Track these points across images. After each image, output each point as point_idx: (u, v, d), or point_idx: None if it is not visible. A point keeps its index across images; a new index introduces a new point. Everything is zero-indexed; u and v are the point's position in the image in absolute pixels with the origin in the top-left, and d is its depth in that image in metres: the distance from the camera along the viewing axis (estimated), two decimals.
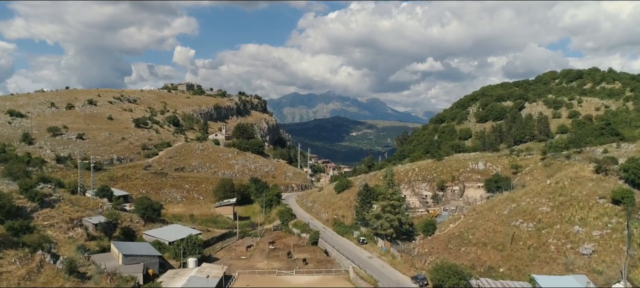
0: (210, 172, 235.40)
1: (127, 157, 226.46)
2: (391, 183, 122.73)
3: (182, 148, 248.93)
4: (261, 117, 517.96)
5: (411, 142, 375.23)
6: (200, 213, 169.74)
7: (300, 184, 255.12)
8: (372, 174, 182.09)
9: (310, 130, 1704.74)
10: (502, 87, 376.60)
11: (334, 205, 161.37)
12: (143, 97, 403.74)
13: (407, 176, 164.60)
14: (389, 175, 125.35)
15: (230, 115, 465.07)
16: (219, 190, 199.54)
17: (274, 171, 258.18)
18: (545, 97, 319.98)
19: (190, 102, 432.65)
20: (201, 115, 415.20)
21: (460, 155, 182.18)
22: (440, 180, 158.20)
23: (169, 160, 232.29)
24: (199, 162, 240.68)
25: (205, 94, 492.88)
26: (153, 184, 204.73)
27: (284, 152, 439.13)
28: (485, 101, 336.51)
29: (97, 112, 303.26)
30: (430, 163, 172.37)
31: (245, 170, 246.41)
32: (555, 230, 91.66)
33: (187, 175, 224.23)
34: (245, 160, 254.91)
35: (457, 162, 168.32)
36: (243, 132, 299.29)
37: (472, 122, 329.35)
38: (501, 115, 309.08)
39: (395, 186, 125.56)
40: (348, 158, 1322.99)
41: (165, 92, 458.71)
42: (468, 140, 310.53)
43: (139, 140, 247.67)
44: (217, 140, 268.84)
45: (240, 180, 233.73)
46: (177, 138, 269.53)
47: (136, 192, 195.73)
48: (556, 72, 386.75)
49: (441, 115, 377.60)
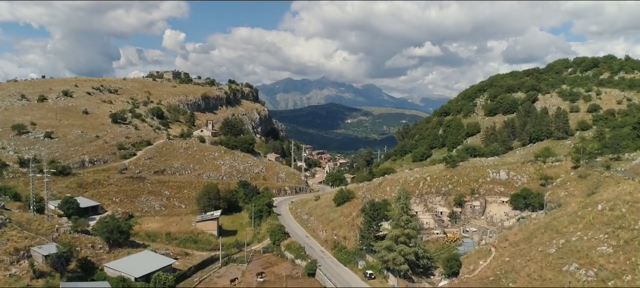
0: (194, 175, 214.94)
1: (101, 159, 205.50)
2: (405, 209, 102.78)
3: (163, 148, 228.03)
4: (252, 107, 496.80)
5: (413, 136, 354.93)
6: (179, 230, 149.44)
7: (294, 186, 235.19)
8: (376, 183, 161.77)
9: (304, 118, 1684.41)
10: (511, 76, 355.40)
11: (333, 221, 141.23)
12: (125, 87, 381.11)
13: (418, 188, 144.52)
14: (402, 198, 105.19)
15: (220, 106, 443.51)
16: (203, 198, 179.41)
17: (265, 172, 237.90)
18: (559, 87, 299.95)
19: (177, 92, 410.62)
20: (188, 105, 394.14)
21: (477, 160, 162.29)
22: (457, 193, 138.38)
23: (148, 162, 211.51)
24: (181, 163, 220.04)
25: (192, 83, 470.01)
26: (128, 191, 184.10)
27: (276, 145, 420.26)
28: (494, 92, 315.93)
29: (72, 104, 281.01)
30: (443, 171, 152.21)
31: (233, 172, 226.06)
32: (626, 282, 71.76)
33: (168, 179, 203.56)
34: (234, 160, 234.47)
35: (474, 170, 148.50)
36: (231, 128, 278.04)
37: (480, 115, 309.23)
38: (512, 108, 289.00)
39: (410, 211, 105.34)
40: (343, 146, 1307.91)
41: (150, 81, 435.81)
42: (476, 135, 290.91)
43: (116, 138, 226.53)
44: (203, 138, 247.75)
45: (228, 183, 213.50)
46: (159, 135, 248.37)
47: (108, 201, 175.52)
48: (568, 60, 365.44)
49: (446, 107, 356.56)
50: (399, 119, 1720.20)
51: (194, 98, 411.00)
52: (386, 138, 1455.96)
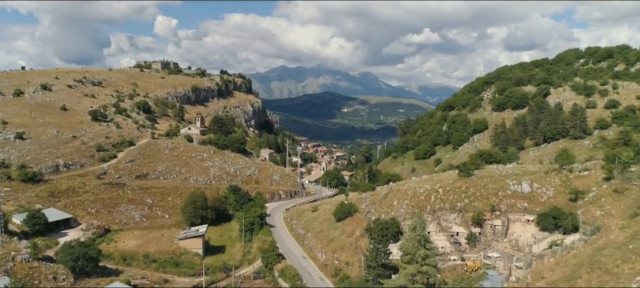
0: (180, 179, 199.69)
1: (77, 162, 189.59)
2: (423, 241, 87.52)
3: (146, 148, 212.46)
4: (245, 98, 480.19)
5: (415, 131, 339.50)
6: (159, 249, 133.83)
7: (289, 190, 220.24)
8: (381, 194, 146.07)
9: (299, 107, 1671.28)
10: (520, 68, 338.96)
11: (333, 241, 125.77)
12: (111, 79, 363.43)
13: (430, 202, 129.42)
14: (418, 227, 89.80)
15: (211, 98, 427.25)
16: (188, 207, 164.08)
17: (258, 174, 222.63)
18: (572, 80, 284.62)
19: (165, 83, 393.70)
20: (177, 98, 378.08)
21: (494, 168, 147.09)
22: (475, 209, 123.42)
23: (130, 165, 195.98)
24: (166, 165, 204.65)
25: (182, 74, 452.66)
26: (106, 200, 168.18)
27: (270, 139, 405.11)
28: (503, 85, 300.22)
29: (50, 99, 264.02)
30: (456, 182, 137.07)
31: (223, 175, 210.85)
32: None
33: (151, 184, 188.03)
34: (224, 162, 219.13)
35: (492, 181, 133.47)
36: (221, 126, 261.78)
37: (488, 110, 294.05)
38: (522, 103, 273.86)
39: (428, 244, 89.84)
40: (339, 136, 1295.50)
41: (137, 72, 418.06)
42: (484, 132, 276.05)
43: (95, 138, 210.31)
44: (190, 136, 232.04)
45: (217, 188, 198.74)
46: (142, 134, 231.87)
47: (83, 212, 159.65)
48: (579, 49, 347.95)
49: (450, 100, 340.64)
50: (396, 108, 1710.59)
51: (184, 90, 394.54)
52: (383, 127, 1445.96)
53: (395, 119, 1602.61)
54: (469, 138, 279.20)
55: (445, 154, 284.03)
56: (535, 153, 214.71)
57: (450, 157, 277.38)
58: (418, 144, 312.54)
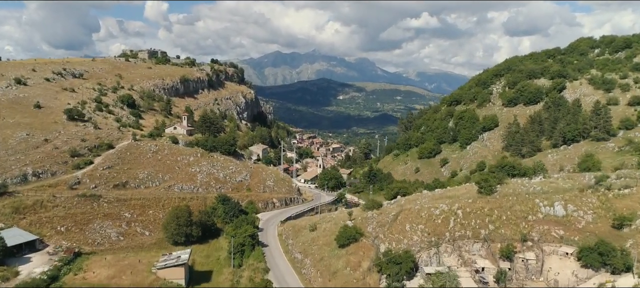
0: (164, 187, 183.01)
1: (48, 170, 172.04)
2: None
3: (127, 152, 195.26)
4: (237, 89, 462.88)
5: (419, 127, 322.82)
6: (134, 281, 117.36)
7: (284, 197, 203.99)
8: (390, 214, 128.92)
9: (294, 94, 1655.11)
10: (532, 59, 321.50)
11: (337, 275, 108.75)
12: (93, 70, 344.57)
13: (448, 227, 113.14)
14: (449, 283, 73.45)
15: (201, 89, 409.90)
16: (171, 224, 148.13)
17: (250, 180, 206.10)
18: (588, 72, 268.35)
19: (152, 74, 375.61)
20: (165, 90, 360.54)
21: (519, 182, 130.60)
22: (502, 238, 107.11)
23: (107, 172, 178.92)
24: (148, 171, 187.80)
25: (170, 63, 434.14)
26: (78, 216, 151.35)
27: (263, 133, 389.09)
28: (513, 78, 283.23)
29: (24, 95, 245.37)
30: (477, 200, 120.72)
31: (211, 181, 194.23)
32: None
33: (130, 194, 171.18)
34: (212, 166, 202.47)
35: (519, 200, 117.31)
36: (210, 125, 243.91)
37: (498, 106, 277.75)
38: (535, 98, 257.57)
39: None
40: (335, 125, 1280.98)
41: (122, 62, 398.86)
42: (494, 130, 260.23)
43: (69, 141, 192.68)
44: (176, 137, 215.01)
45: (204, 197, 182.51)
46: (123, 135, 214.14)
47: (51, 230, 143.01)
48: (593, 38, 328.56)
49: (457, 94, 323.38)
50: (394, 96, 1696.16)
51: (172, 81, 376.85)
52: (380, 115, 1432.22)
53: (392, 106, 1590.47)
54: (478, 136, 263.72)
55: (452, 154, 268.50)
56: (554, 157, 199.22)
57: (457, 156, 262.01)
58: (422, 141, 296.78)
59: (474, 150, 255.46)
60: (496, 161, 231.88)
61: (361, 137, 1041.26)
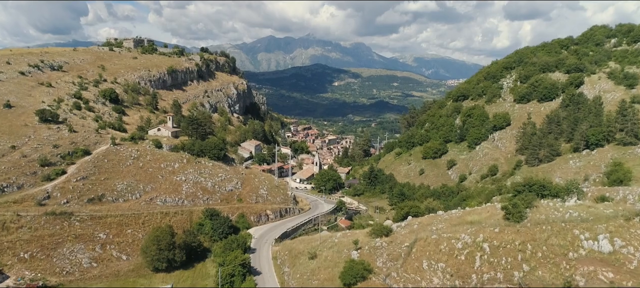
0: (145, 200, 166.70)
1: (14, 183, 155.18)
2: None
3: (105, 159, 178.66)
4: (229, 80, 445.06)
5: (422, 123, 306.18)
6: None
7: (279, 208, 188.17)
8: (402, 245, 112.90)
9: (288, 80, 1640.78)
10: (545, 50, 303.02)
11: None
12: (74, 61, 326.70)
13: (473, 266, 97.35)
14: None
15: (190, 80, 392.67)
16: (151, 248, 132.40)
17: (241, 188, 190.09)
18: (606, 65, 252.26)
19: (138, 65, 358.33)
20: (151, 82, 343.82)
21: (551, 205, 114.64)
22: (541, 283, 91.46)
23: (81, 184, 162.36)
24: (128, 182, 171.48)
25: (157, 53, 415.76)
26: (46, 238, 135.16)
27: (257, 127, 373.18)
28: (526, 72, 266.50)
29: None
30: (505, 229, 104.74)
31: (197, 192, 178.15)
32: None
33: (107, 210, 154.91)
34: (199, 174, 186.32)
35: (555, 232, 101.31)
36: (197, 127, 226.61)
37: (509, 102, 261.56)
38: (551, 94, 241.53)
39: None
40: (330, 112, 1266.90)
41: (106, 52, 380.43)
42: (505, 129, 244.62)
43: (40, 147, 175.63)
44: (159, 141, 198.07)
45: (190, 211, 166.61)
46: (102, 138, 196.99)
47: (13, 258, 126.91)
48: (609, 27, 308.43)
49: (463, 88, 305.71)
50: (390, 82, 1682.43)
51: (159, 72, 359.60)
52: (376, 102, 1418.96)
53: (389, 93, 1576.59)
54: (488, 135, 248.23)
55: (460, 154, 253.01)
56: (576, 164, 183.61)
57: (466, 158, 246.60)
58: (426, 139, 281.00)
59: (484, 152, 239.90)
60: (509, 165, 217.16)
61: (357, 125, 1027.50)
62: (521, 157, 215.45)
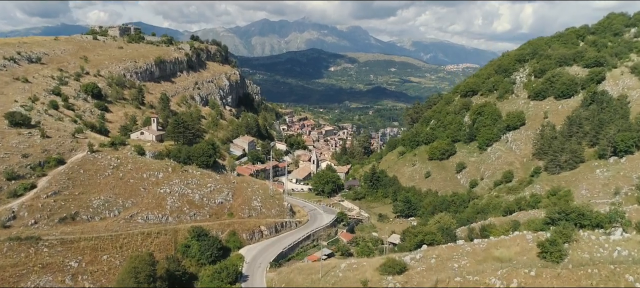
0: (124, 218, 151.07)
1: None
2: None
3: (80, 169, 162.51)
4: (221, 70, 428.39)
5: (428, 121, 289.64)
6: None
7: (274, 223, 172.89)
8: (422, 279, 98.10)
9: (283, 65, 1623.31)
10: (560, 41, 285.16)
11: None
12: (54, 52, 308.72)
13: None
14: None
15: (179, 71, 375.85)
16: (128, 280, 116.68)
17: (232, 200, 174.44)
18: (627, 57, 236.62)
19: (123, 56, 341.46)
20: (137, 74, 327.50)
21: (593, 239, 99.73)
22: None
23: (52, 201, 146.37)
24: (105, 197, 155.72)
25: (145, 42, 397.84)
26: (8, 269, 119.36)
27: (250, 121, 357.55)
28: (541, 65, 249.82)
29: None
30: (544, 271, 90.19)
31: (184, 206, 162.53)
32: None
33: (80, 232, 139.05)
34: (186, 185, 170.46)
35: (603, 276, 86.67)
36: (184, 130, 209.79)
37: (523, 99, 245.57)
38: (569, 91, 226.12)
39: None
40: (326, 98, 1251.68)
41: (90, 41, 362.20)
42: (520, 129, 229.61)
43: (8, 157, 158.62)
44: (142, 148, 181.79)
45: (175, 230, 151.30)
46: (78, 144, 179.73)
47: None
48: (628, 15, 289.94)
49: (471, 83, 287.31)
50: (388, 67, 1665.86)
51: (146, 63, 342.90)
52: (373, 88, 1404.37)
53: (386, 78, 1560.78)
54: (501, 136, 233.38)
55: (469, 156, 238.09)
56: (604, 174, 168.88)
57: (476, 161, 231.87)
58: (432, 137, 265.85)
59: (497, 154, 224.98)
60: (526, 171, 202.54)
61: (354, 112, 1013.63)
62: (539, 162, 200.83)
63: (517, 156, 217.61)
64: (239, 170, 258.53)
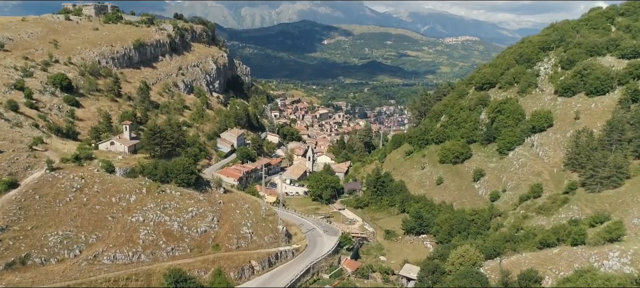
0: (87, 259, 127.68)
1: None
2: None
3: (35, 194, 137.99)
4: (207, 52, 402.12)
5: (438, 116, 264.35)
6: None
7: (266, 255, 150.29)
8: None
9: (274, 38, 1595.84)
10: (590, 25, 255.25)
11: None
12: (20, 36, 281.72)
13: None
14: None
15: (161, 55, 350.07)
16: None
17: (218, 226, 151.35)
18: None
19: (99, 39, 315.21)
20: (114, 60, 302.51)
21: None
22: None
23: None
24: (65, 229, 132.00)
25: (123, 22, 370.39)
26: None
27: (239, 111, 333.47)
28: (569, 55, 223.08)
29: None
30: None
31: (159, 239, 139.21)
32: None
33: (31, 281, 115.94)
34: (163, 210, 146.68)
35: None
36: (161, 140, 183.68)
37: (548, 94, 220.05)
38: (603, 87, 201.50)
39: None
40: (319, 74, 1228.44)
41: (62, 21, 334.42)
42: (547, 131, 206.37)
43: None
44: (111, 164, 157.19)
45: (148, 273, 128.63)
46: (36, 160, 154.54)
47: None
48: None
49: (488, 74, 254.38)
50: (384, 40, 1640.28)
51: (123, 47, 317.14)
52: (368, 63, 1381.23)
53: (382, 52, 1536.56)
54: (524, 139, 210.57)
55: (488, 162, 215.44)
56: None
57: (496, 167, 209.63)
58: (443, 136, 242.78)
59: (521, 161, 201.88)
60: (557, 185, 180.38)
61: (348, 89, 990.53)
62: (572, 173, 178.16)
63: (545, 165, 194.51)
64: (227, 173, 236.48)
